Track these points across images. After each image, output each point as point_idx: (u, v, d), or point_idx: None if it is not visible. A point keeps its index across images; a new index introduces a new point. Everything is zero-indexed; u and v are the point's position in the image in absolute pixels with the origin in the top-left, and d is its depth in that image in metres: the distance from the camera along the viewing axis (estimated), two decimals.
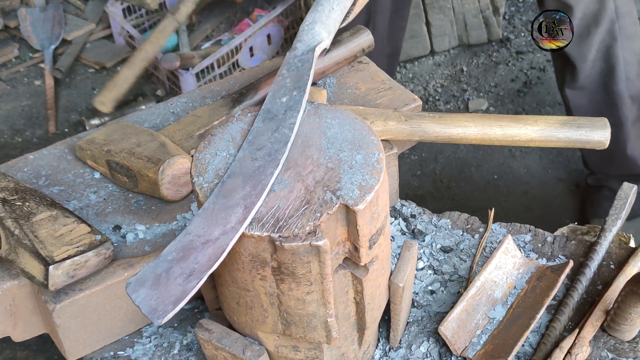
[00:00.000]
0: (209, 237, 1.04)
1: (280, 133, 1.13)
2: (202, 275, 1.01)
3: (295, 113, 1.15)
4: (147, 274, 1.03)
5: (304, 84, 1.20)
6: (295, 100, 1.17)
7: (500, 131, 1.47)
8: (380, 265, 1.18)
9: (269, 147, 1.11)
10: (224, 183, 1.09)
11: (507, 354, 1.27)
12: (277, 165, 1.09)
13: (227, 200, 1.06)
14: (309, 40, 1.29)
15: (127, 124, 1.56)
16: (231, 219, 1.04)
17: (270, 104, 1.18)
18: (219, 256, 1.02)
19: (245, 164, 1.10)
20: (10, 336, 1.38)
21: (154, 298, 1.01)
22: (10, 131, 3.15)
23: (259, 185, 1.07)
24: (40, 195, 1.39)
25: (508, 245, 1.42)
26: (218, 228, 1.04)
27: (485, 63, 3.37)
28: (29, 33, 3.42)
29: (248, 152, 1.12)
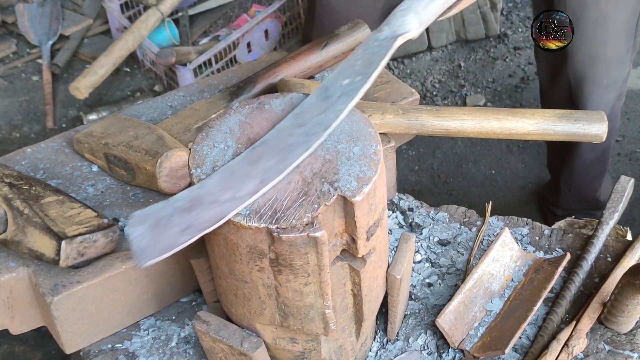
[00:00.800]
0: (218, 198, 1.04)
1: (326, 116, 1.10)
2: (196, 232, 1.01)
3: (349, 100, 1.11)
4: (152, 213, 1.05)
5: (371, 71, 1.14)
6: (354, 86, 1.13)
7: (498, 124, 1.47)
8: (378, 257, 1.19)
9: (309, 128, 1.09)
10: (254, 148, 1.09)
11: (505, 346, 1.27)
12: (308, 148, 1.07)
13: (249, 168, 1.07)
14: (396, 27, 1.21)
15: (124, 117, 1.56)
16: (244, 187, 1.05)
17: (331, 82, 1.15)
18: (218, 220, 1.02)
19: (281, 137, 1.10)
20: (8, 329, 1.38)
21: (146, 239, 1.02)
22: (8, 127, 3.14)
23: (283, 163, 1.06)
24: (44, 183, 1.40)
25: (505, 238, 1.42)
26: (229, 192, 1.04)
27: (482, 59, 3.37)
28: (26, 28, 3.41)
29: (289, 125, 1.11)
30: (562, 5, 1.95)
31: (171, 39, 3.22)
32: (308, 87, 1.52)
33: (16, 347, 2.30)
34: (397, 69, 3.33)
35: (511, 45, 3.42)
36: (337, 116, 1.09)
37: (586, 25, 1.98)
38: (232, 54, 3.12)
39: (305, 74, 1.65)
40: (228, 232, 1.07)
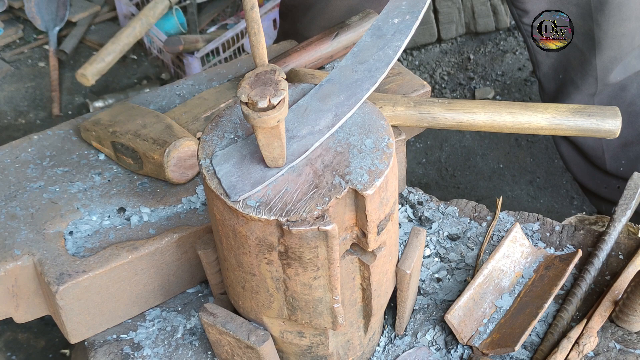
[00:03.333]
0: (297, 133, 1.09)
1: (385, 52, 1.16)
2: (284, 167, 1.06)
3: (404, 37, 1.17)
4: (234, 151, 1.08)
5: (419, 10, 1.20)
6: (406, 24, 1.18)
7: (510, 118, 1.45)
8: (388, 252, 1.17)
9: (371, 64, 1.15)
10: (321, 86, 1.14)
11: (514, 343, 1.26)
12: (375, 82, 1.13)
13: (321, 104, 1.12)
14: None
15: (132, 106, 1.54)
16: (320, 122, 1.10)
17: (382, 22, 1.20)
18: (301, 153, 1.07)
19: (345, 74, 1.15)
20: (12, 317, 1.37)
21: (235, 175, 1.06)
22: (14, 113, 3.13)
23: (353, 97, 1.12)
24: None
25: (516, 233, 1.41)
26: (306, 127, 1.09)
27: (492, 51, 3.35)
28: (33, 14, 3.40)
29: (350, 63, 1.16)
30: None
31: (179, 27, 3.20)
32: (318, 78, 1.51)
33: (19, 335, 2.29)
34: (406, 60, 3.31)
35: (521, 39, 3.39)
36: (396, 52, 1.16)
37: (611, 8, 1.96)
38: (240, 42, 3.10)
39: (316, 64, 1.63)
40: (237, 224, 1.06)
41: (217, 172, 1.06)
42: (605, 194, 2.19)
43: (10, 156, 1.51)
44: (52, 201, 1.42)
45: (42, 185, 1.45)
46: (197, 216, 1.40)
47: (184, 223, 1.38)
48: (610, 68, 2.03)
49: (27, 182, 1.45)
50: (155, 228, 1.38)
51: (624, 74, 2.04)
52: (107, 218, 1.40)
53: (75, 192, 1.44)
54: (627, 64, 2.05)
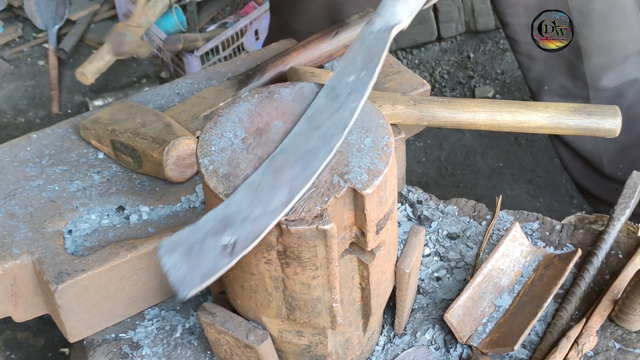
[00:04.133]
0: (249, 214, 1.01)
1: (340, 116, 1.09)
2: (235, 255, 0.98)
3: (359, 97, 1.11)
4: (181, 240, 1.01)
5: (374, 65, 1.15)
6: (362, 82, 1.13)
7: (510, 117, 1.45)
8: (387, 251, 1.17)
9: (326, 129, 1.08)
10: (274, 158, 1.06)
11: (514, 342, 1.26)
12: (331, 150, 1.05)
13: (275, 179, 1.03)
14: (388, 19, 1.22)
15: (132, 104, 1.54)
16: (274, 200, 1.01)
17: (336, 81, 1.14)
18: (255, 237, 0.99)
19: (299, 142, 1.07)
20: (11, 316, 1.37)
21: (183, 268, 0.99)
22: (13, 111, 3.13)
23: (309, 169, 1.03)
24: None
25: (516, 232, 1.41)
26: (259, 207, 1.01)
27: (492, 50, 3.35)
28: (32, 12, 3.40)
29: (304, 129, 1.09)
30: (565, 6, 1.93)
31: (178, 26, 3.20)
32: (318, 76, 1.50)
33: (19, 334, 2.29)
34: (405, 59, 3.31)
35: None
36: (352, 114, 1.08)
37: (594, 20, 1.96)
38: (240, 41, 3.10)
39: (315, 62, 1.63)
40: None
41: (163, 265, 0.99)
42: (603, 196, 2.19)
43: (9, 155, 1.51)
44: (51, 200, 1.41)
45: (41, 183, 1.45)
46: (196, 215, 1.39)
47: (183, 222, 1.38)
48: (600, 75, 2.04)
49: (26, 180, 1.45)
50: (155, 227, 1.38)
51: (619, 80, 2.05)
52: (106, 217, 1.40)
53: (74, 190, 1.44)
54: (622, 71, 2.05)
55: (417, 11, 1.26)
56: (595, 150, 2.13)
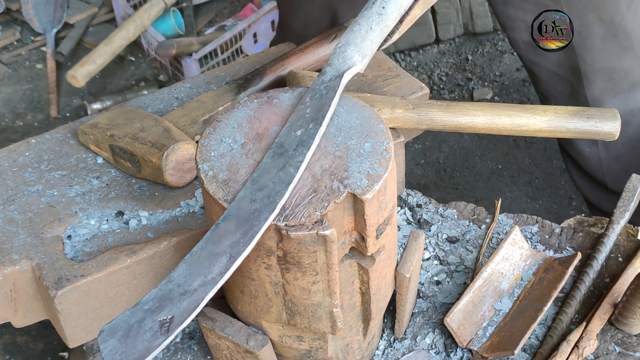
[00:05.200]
0: (188, 287, 0.98)
1: (285, 172, 1.04)
2: (170, 332, 0.95)
3: (306, 150, 1.05)
4: (121, 322, 0.97)
5: (323, 115, 1.09)
6: (309, 134, 1.07)
7: (509, 121, 1.45)
8: (387, 256, 1.17)
9: (270, 188, 1.02)
10: (217, 226, 1.01)
11: (514, 346, 1.26)
12: (274, 209, 1.00)
13: (215, 247, 0.99)
14: (339, 65, 1.16)
15: (130, 109, 1.54)
16: (213, 268, 0.98)
17: (285, 137, 1.09)
18: (192, 311, 0.96)
19: (243, 206, 1.02)
20: (10, 322, 1.36)
21: (119, 352, 0.95)
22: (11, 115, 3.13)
23: (250, 232, 0.99)
24: None
25: (515, 236, 1.41)
26: (199, 278, 0.98)
27: (490, 52, 3.35)
28: (31, 16, 3.40)
29: (249, 192, 1.03)
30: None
31: (176, 29, 3.20)
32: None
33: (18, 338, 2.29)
34: (403, 61, 3.31)
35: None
36: (297, 168, 1.03)
37: (595, 43, 1.94)
38: (238, 44, 3.10)
39: (314, 66, 1.63)
40: None
41: (101, 351, 0.96)
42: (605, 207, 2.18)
43: (8, 160, 1.50)
44: (50, 205, 1.41)
45: (40, 189, 1.45)
46: (195, 220, 1.39)
47: (183, 227, 1.38)
48: (602, 100, 2.01)
49: (25, 186, 1.45)
50: (154, 232, 1.38)
51: (624, 107, 2.00)
52: (106, 222, 1.40)
53: (73, 196, 1.43)
54: (628, 98, 2.01)
55: (372, 53, 1.20)
56: (599, 170, 2.10)
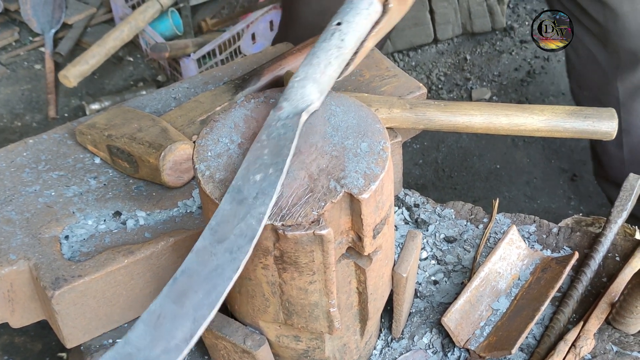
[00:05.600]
0: (149, 353, 0.90)
1: (247, 224, 0.97)
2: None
3: (267, 200, 0.98)
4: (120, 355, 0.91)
5: (283, 160, 1.02)
6: (269, 181, 1.00)
7: (506, 120, 1.45)
8: (384, 255, 1.17)
9: (232, 241, 0.96)
10: (176, 281, 0.94)
11: (511, 346, 1.26)
12: (237, 267, 0.94)
13: (176, 307, 0.92)
14: (297, 101, 1.09)
15: (128, 109, 1.54)
16: (177, 333, 0.91)
17: (242, 181, 1.02)
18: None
19: (203, 260, 0.95)
20: (8, 322, 1.36)
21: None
22: (10, 115, 3.13)
23: (214, 293, 0.93)
24: None
25: (513, 236, 1.41)
26: (161, 344, 0.90)
27: (488, 52, 3.35)
28: (29, 16, 3.40)
29: (208, 243, 0.97)
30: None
31: (174, 29, 3.20)
32: None
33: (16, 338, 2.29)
34: (402, 61, 3.31)
35: (517, 39, 3.39)
36: (260, 221, 0.97)
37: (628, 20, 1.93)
38: (237, 44, 3.10)
39: None
40: None
41: None
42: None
43: (6, 160, 1.50)
44: (47, 205, 1.41)
45: (38, 189, 1.45)
46: (193, 220, 1.39)
47: (180, 227, 1.38)
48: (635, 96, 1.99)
49: (22, 186, 1.45)
50: (151, 232, 1.38)
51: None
52: (103, 222, 1.40)
53: (70, 196, 1.43)
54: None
55: (329, 88, 1.14)
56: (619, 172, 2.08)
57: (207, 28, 3.23)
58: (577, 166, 2.86)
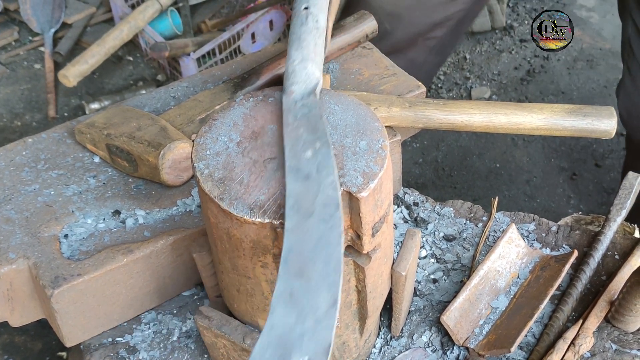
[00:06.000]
0: (303, 327, 0.91)
1: (326, 195, 1.01)
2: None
3: (331, 170, 1.03)
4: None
5: (323, 133, 1.08)
6: (323, 154, 1.05)
7: (505, 119, 1.45)
8: (383, 254, 1.17)
9: (320, 212, 1.00)
10: (287, 261, 0.97)
11: (510, 344, 1.26)
12: (340, 233, 0.98)
13: (304, 281, 0.95)
14: (304, 82, 1.14)
15: (127, 108, 1.54)
16: (319, 303, 0.93)
17: (296, 161, 1.05)
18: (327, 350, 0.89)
19: (301, 236, 0.98)
20: (7, 321, 1.37)
21: None
22: (10, 115, 3.13)
23: (332, 260, 0.96)
24: None
25: (512, 234, 1.41)
26: (309, 316, 0.92)
27: (488, 51, 3.35)
28: (29, 16, 3.39)
29: (297, 222, 0.99)
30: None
31: (173, 29, 3.19)
32: None
33: (16, 338, 2.29)
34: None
35: (517, 38, 3.39)
36: (335, 189, 1.02)
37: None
38: (236, 44, 3.10)
39: None
40: (231, 227, 1.05)
41: None
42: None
43: (5, 159, 1.50)
44: (47, 204, 1.41)
45: (37, 188, 1.45)
46: (192, 219, 1.39)
47: (179, 225, 1.38)
48: None
49: (21, 185, 1.45)
50: (151, 231, 1.38)
51: None
52: (102, 221, 1.40)
53: (70, 195, 1.44)
54: None
55: (322, 65, 1.20)
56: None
57: (207, 29, 3.23)
58: (576, 165, 2.86)
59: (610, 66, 3.26)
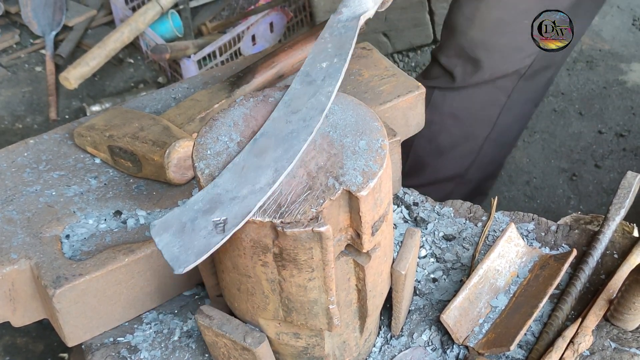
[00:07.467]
0: (237, 194, 1.04)
1: (317, 100, 1.13)
2: (226, 232, 1.01)
3: (334, 82, 1.15)
4: (172, 219, 1.03)
5: (346, 52, 1.20)
6: (335, 67, 1.17)
7: None
8: (383, 253, 1.18)
9: (305, 112, 1.11)
10: (256, 141, 1.09)
11: (510, 342, 1.26)
12: (311, 132, 1.09)
13: (259, 160, 1.07)
14: (355, 7, 1.28)
15: (126, 110, 1.55)
16: (260, 179, 1.05)
17: (310, 67, 1.18)
18: (245, 215, 1.02)
19: (279, 126, 1.11)
20: (9, 321, 1.37)
21: (177, 246, 1.01)
22: (11, 117, 3.13)
23: (291, 150, 1.07)
24: None
25: (511, 233, 1.41)
26: (247, 186, 1.04)
27: None
28: (29, 19, 3.40)
29: (283, 114, 1.12)
30: None
31: (174, 31, 3.20)
32: None
33: (18, 339, 2.29)
34: (402, 62, 3.32)
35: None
36: (329, 97, 1.13)
37: None
38: (237, 46, 3.11)
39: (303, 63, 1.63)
40: None
41: (157, 243, 1.02)
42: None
43: (7, 160, 1.51)
44: (48, 205, 1.42)
45: (39, 189, 1.45)
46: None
47: None
48: None
49: (23, 186, 1.46)
50: None
51: None
52: (104, 221, 1.40)
53: (71, 195, 1.44)
54: None
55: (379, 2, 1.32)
56: None
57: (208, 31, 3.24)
58: (576, 166, 2.87)
59: (610, 67, 3.27)
